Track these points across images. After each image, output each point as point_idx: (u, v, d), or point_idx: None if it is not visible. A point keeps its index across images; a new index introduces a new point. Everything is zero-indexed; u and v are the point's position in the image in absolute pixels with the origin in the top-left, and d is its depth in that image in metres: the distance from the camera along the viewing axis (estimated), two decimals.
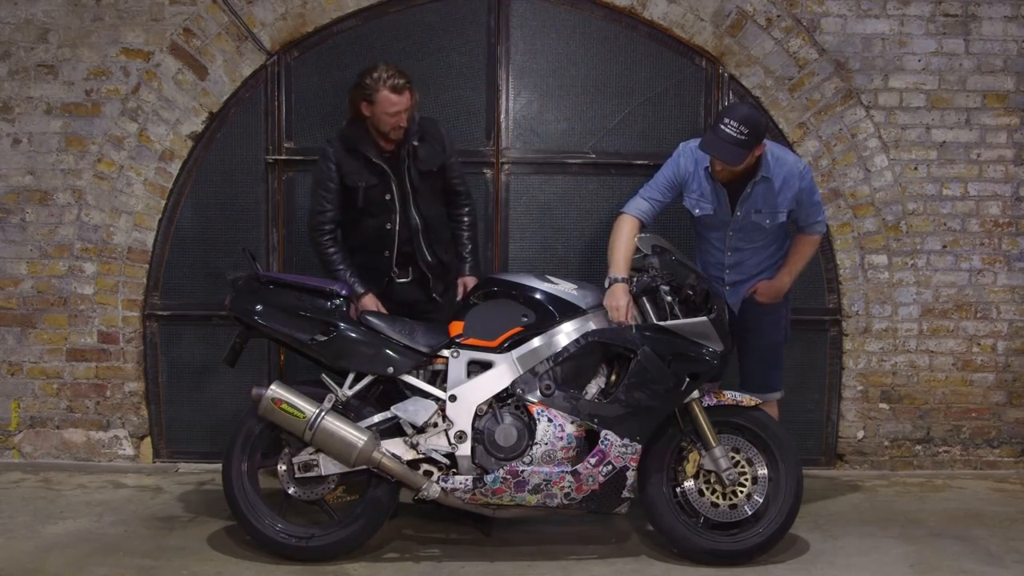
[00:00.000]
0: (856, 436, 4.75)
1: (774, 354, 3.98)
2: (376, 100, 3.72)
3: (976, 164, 4.70)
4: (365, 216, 3.90)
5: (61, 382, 4.68)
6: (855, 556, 3.61)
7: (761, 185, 3.73)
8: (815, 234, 3.92)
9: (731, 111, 3.58)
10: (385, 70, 3.75)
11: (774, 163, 3.72)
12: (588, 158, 4.66)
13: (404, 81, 3.75)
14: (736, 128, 3.49)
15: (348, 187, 3.86)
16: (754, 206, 3.76)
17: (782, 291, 3.90)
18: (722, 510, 3.52)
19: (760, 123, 3.57)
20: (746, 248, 3.87)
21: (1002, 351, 4.75)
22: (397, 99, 3.72)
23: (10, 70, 4.58)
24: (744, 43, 4.58)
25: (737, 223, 3.80)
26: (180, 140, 4.60)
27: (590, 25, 4.64)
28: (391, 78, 3.72)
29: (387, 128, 3.79)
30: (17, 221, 4.64)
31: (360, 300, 3.81)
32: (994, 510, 4.18)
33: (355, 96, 3.80)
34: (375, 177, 3.86)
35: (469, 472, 3.42)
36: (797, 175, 3.75)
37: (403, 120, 3.78)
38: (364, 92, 3.75)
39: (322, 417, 3.37)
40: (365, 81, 3.75)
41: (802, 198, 3.79)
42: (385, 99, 3.71)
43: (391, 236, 3.90)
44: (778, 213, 3.78)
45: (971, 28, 4.65)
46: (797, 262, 3.92)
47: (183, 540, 3.68)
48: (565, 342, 3.48)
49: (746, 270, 3.91)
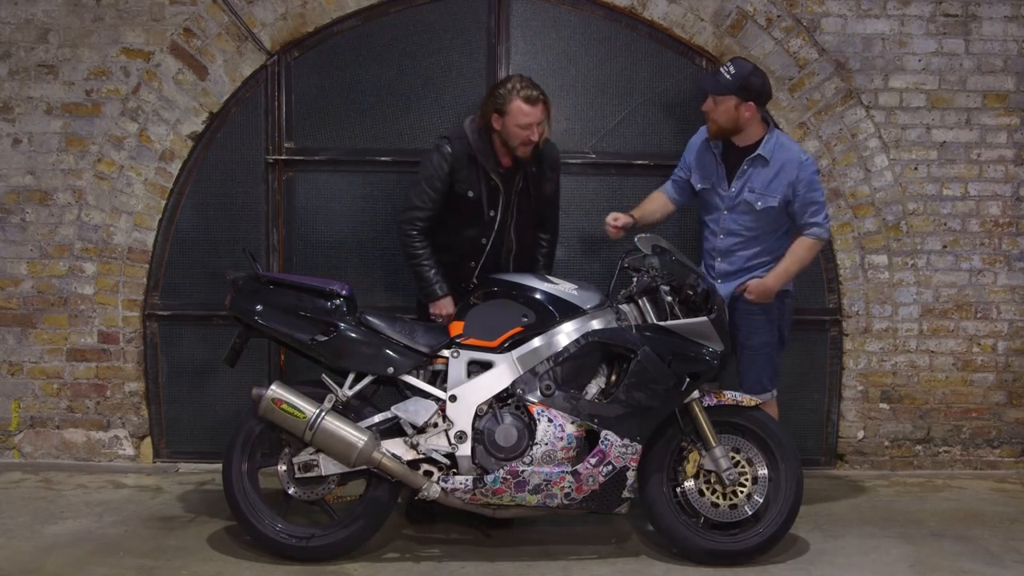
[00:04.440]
0: (856, 436, 4.75)
1: (764, 354, 3.92)
2: (508, 111, 3.63)
3: (976, 164, 4.70)
4: (462, 224, 3.83)
5: (61, 382, 4.68)
6: (855, 556, 3.61)
7: (759, 164, 3.81)
8: (811, 237, 3.85)
9: (733, 59, 3.90)
10: (519, 80, 3.67)
11: (776, 147, 3.81)
12: (588, 158, 4.66)
13: (538, 93, 3.65)
14: (727, 68, 3.79)
15: (455, 192, 3.77)
16: (748, 184, 3.82)
17: (770, 290, 3.84)
18: (722, 510, 3.52)
19: (752, 76, 3.76)
20: (738, 233, 3.88)
21: (1002, 351, 4.75)
22: (530, 110, 3.62)
23: (10, 70, 4.58)
24: (744, 43, 4.58)
25: (731, 200, 3.85)
26: (180, 140, 4.60)
27: (590, 25, 4.64)
28: (525, 88, 3.64)
29: (516, 143, 3.69)
30: (17, 221, 4.64)
31: (439, 301, 3.77)
32: (994, 510, 4.18)
33: (486, 107, 3.71)
34: (486, 191, 3.79)
35: (469, 472, 3.42)
36: (797, 164, 3.79)
37: (534, 135, 3.67)
38: (496, 102, 3.66)
39: (322, 417, 3.37)
40: (498, 91, 3.68)
41: (798, 190, 3.79)
42: (517, 109, 3.62)
43: (483, 250, 3.85)
44: (769, 196, 3.80)
45: (971, 28, 4.65)
46: (790, 263, 3.86)
47: (183, 540, 3.67)
48: (565, 342, 3.48)
49: (737, 261, 3.90)
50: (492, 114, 3.69)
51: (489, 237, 3.86)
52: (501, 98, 3.65)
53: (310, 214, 4.66)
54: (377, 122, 4.62)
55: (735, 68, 3.76)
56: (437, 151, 3.78)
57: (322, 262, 4.65)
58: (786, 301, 3.97)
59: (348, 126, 4.64)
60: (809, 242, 3.87)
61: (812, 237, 3.86)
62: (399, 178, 4.63)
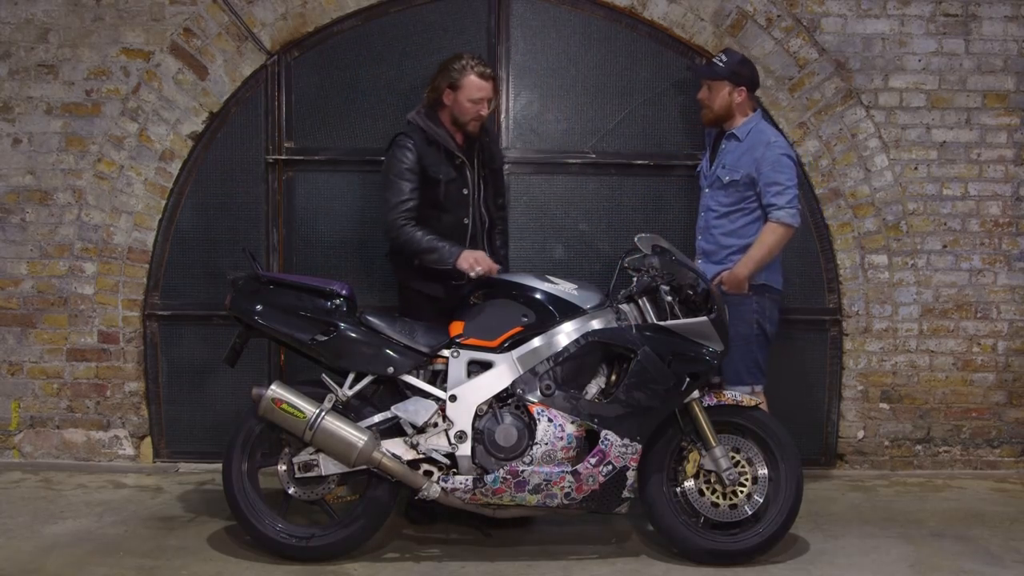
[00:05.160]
0: (856, 436, 4.75)
1: (741, 347, 3.89)
2: (462, 85, 3.72)
3: (976, 164, 4.70)
4: (442, 212, 3.85)
5: (61, 382, 4.68)
6: (855, 556, 3.61)
7: (732, 142, 4.05)
8: (774, 220, 3.88)
9: (726, 49, 4.19)
10: (471, 57, 3.77)
11: (752, 128, 4.05)
12: (588, 158, 4.66)
13: (491, 70, 3.78)
14: (719, 57, 4.10)
15: (428, 179, 3.79)
16: (721, 160, 4.06)
17: (741, 279, 3.87)
18: (722, 510, 3.52)
19: (743, 63, 4.07)
20: (713, 209, 4.05)
21: (1002, 351, 4.75)
22: (483, 85, 3.73)
23: (10, 70, 4.59)
24: (744, 43, 4.58)
25: (711, 177, 4.09)
26: (180, 140, 4.60)
27: (590, 25, 4.64)
28: (478, 65, 3.75)
29: (467, 118, 3.77)
30: (17, 221, 4.64)
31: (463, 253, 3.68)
32: (994, 510, 4.18)
33: (439, 82, 3.77)
34: (453, 170, 3.83)
35: (469, 472, 3.42)
36: (764, 143, 3.95)
37: (484, 109, 3.77)
38: (450, 76, 3.74)
39: (322, 417, 3.37)
40: (452, 66, 3.75)
41: (762, 168, 3.89)
42: (471, 84, 3.72)
43: (466, 230, 3.89)
44: (734, 171, 3.97)
45: (971, 28, 4.65)
46: (755, 249, 3.89)
47: (183, 540, 3.67)
48: (565, 342, 3.48)
49: (711, 240, 4.05)
50: (445, 89, 3.76)
51: (469, 215, 3.90)
52: (456, 72, 3.73)
53: (310, 214, 4.66)
54: (377, 122, 4.62)
55: (727, 57, 4.08)
56: (398, 146, 3.80)
57: (322, 262, 4.65)
58: (767, 295, 3.97)
59: (348, 126, 4.64)
60: (772, 226, 3.89)
61: (775, 220, 3.89)
62: None
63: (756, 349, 3.97)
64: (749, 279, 3.90)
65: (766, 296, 3.98)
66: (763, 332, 3.98)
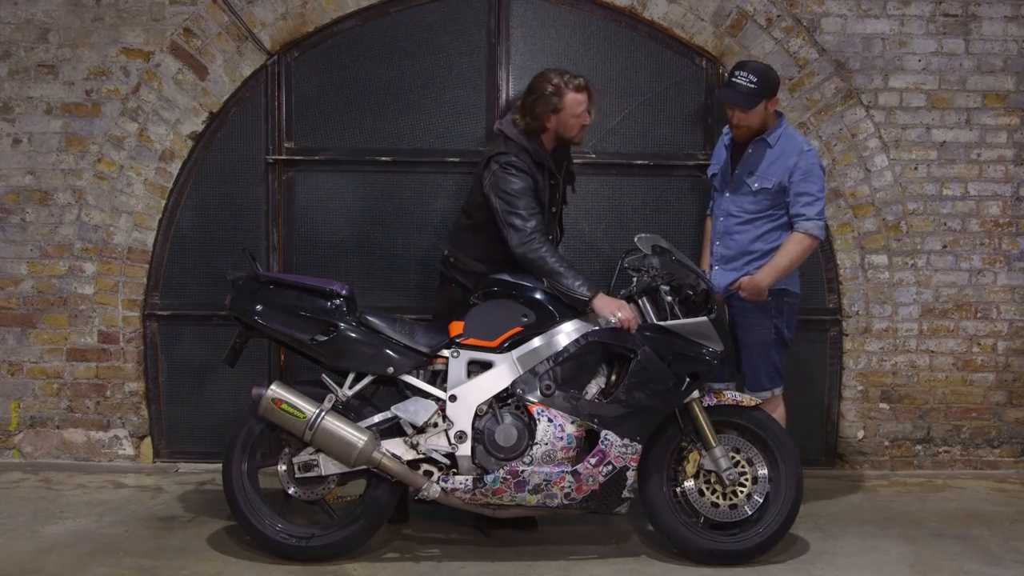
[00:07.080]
0: (856, 436, 4.75)
1: (760, 352, 3.90)
2: (564, 106, 3.61)
3: (976, 164, 4.70)
4: None
5: (61, 382, 4.68)
6: (855, 556, 3.61)
7: (761, 148, 3.89)
8: (801, 231, 3.83)
9: (742, 65, 3.92)
10: (558, 74, 3.65)
11: (782, 135, 3.91)
12: (588, 158, 4.65)
13: (582, 79, 3.67)
14: (746, 78, 3.82)
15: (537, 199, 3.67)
16: (748, 166, 3.90)
17: (760, 286, 3.81)
18: (722, 510, 3.52)
19: (769, 75, 3.87)
20: (735, 215, 3.94)
21: (1002, 351, 4.75)
22: (581, 98, 3.64)
23: (10, 70, 4.58)
24: (744, 43, 4.58)
25: (737, 181, 3.93)
26: (180, 140, 4.60)
27: (590, 25, 4.64)
28: (570, 79, 3.64)
29: (574, 132, 3.70)
30: (17, 221, 4.64)
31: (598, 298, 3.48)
32: (994, 510, 4.19)
33: (538, 111, 3.62)
34: (549, 190, 3.76)
35: (469, 472, 3.42)
36: (797, 151, 3.85)
37: (587, 118, 3.70)
38: (549, 103, 3.61)
39: (322, 417, 3.37)
40: (546, 91, 3.61)
41: (793, 177, 3.83)
42: (572, 101, 3.62)
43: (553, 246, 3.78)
44: (765, 178, 3.86)
45: (971, 28, 4.65)
46: (779, 258, 3.83)
47: (183, 540, 3.68)
48: (565, 342, 3.48)
49: (733, 245, 3.94)
50: (548, 116, 3.64)
51: (553, 232, 3.89)
52: (555, 97, 3.61)
53: (310, 214, 4.66)
54: (377, 122, 4.62)
55: (754, 74, 3.81)
56: (512, 168, 3.60)
57: (322, 262, 4.65)
58: (786, 300, 3.95)
59: (348, 126, 4.64)
60: (799, 236, 3.84)
61: (801, 231, 3.84)
62: (399, 178, 4.63)
63: (774, 353, 3.95)
64: (770, 287, 3.84)
65: (784, 300, 3.94)
66: (780, 336, 3.95)
